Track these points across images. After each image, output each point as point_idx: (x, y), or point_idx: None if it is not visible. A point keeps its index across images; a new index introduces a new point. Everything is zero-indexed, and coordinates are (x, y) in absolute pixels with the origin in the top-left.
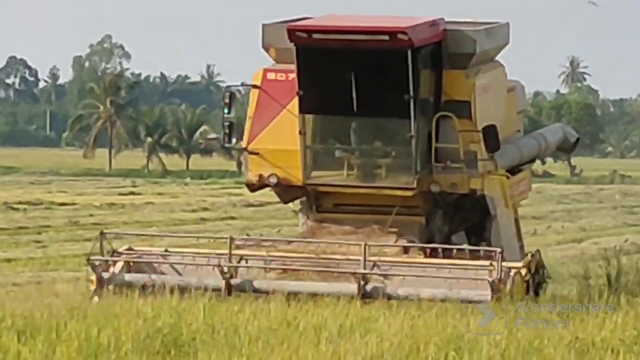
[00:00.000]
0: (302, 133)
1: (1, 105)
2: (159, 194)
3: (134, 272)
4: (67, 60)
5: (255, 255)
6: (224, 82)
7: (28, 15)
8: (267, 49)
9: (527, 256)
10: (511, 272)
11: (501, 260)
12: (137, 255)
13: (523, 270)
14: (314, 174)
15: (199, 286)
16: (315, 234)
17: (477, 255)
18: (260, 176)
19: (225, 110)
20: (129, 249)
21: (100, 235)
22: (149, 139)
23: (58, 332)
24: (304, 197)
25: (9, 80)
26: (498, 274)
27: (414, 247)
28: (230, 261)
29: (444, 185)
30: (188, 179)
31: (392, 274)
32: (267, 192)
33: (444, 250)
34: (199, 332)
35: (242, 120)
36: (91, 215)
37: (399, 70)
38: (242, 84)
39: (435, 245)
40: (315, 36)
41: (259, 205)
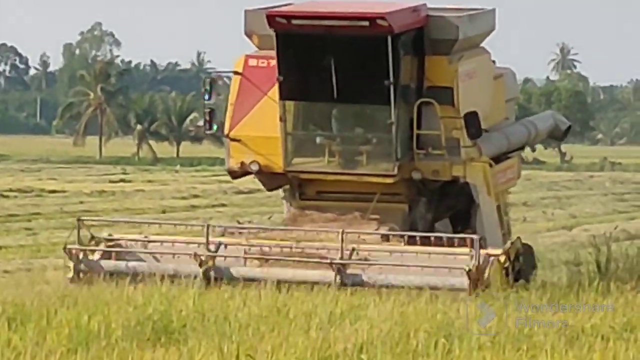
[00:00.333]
0: (282, 120)
1: None
2: (149, 181)
3: (114, 260)
4: (57, 48)
5: (233, 243)
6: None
7: (18, 2)
8: (249, 36)
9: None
10: (490, 259)
11: (479, 247)
12: (114, 243)
13: (502, 258)
14: (295, 160)
15: (176, 274)
16: (297, 221)
17: (460, 243)
18: (242, 163)
19: (206, 97)
20: (109, 236)
21: (78, 222)
22: (139, 127)
23: (48, 319)
24: (288, 185)
25: None
26: (476, 261)
27: (395, 235)
28: (208, 249)
29: (425, 172)
30: (178, 166)
31: (366, 262)
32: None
33: (423, 237)
34: (189, 319)
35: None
36: (81, 202)
37: (378, 57)
38: (221, 70)
39: (412, 234)
40: (294, 22)
41: (250, 192)
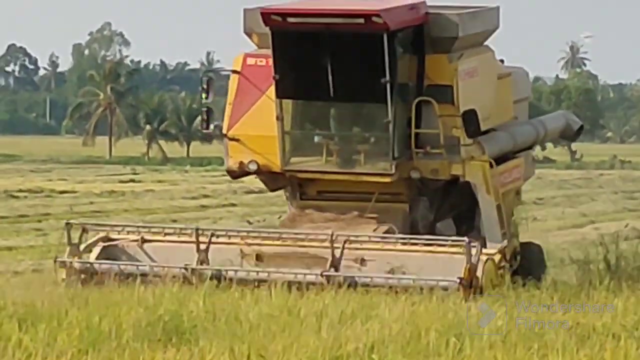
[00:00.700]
0: (279, 118)
1: (1, 93)
2: (159, 181)
3: (109, 261)
4: (66, 48)
5: (227, 243)
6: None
7: (28, 3)
8: (249, 35)
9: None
10: (483, 259)
11: (472, 248)
12: (109, 244)
13: (497, 257)
14: (293, 160)
15: (169, 274)
16: (296, 221)
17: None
18: (241, 163)
19: (204, 96)
20: (105, 237)
21: (66, 226)
22: (148, 127)
23: (59, 320)
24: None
25: (8, 68)
26: (469, 261)
27: (387, 237)
28: (198, 253)
29: (424, 171)
30: (188, 166)
31: (355, 262)
32: None
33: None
34: (200, 319)
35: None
36: (91, 203)
37: (375, 54)
38: (220, 69)
39: (402, 236)
40: (290, 19)
41: (260, 192)
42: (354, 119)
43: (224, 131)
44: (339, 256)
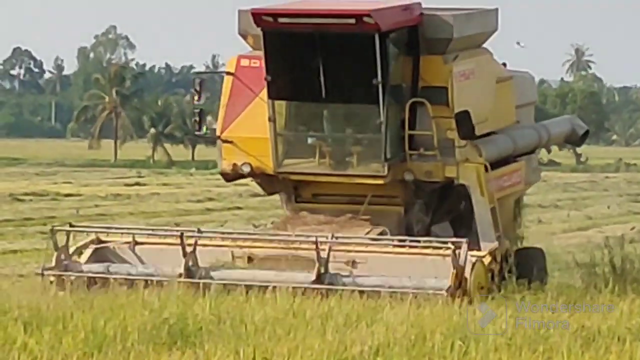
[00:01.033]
0: (271, 120)
1: (6, 96)
2: (165, 184)
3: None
4: (72, 51)
5: (219, 246)
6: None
7: (33, 6)
8: (244, 36)
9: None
10: (472, 261)
11: (462, 248)
12: (100, 247)
13: (486, 259)
14: (286, 162)
15: (158, 277)
16: (289, 224)
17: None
18: (235, 165)
19: (195, 98)
20: (98, 240)
21: (51, 232)
22: (153, 130)
23: (64, 323)
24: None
25: (13, 72)
26: (457, 263)
27: (376, 240)
28: (184, 256)
29: (418, 173)
30: (193, 169)
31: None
32: None
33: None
34: (205, 322)
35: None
36: (97, 206)
37: (366, 55)
38: (212, 70)
39: (391, 237)
40: (281, 20)
41: (265, 195)
42: (347, 121)
43: (218, 133)
44: (328, 259)
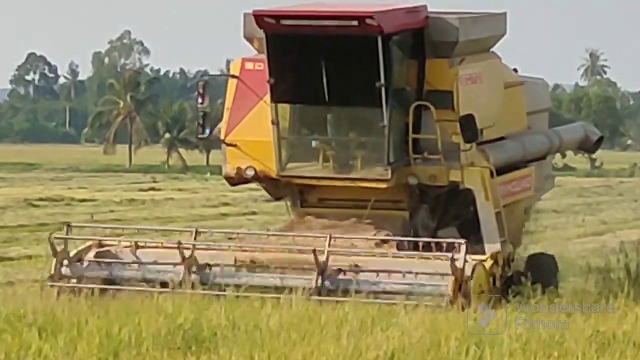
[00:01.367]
0: (274, 123)
1: (21, 101)
2: (179, 189)
3: (102, 267)
4: (86, 57)
5: (222, 249)
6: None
7: (47, 11)
8: (249, 40)
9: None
10: (473, 264)
11: (460, 250)
12: (103, 250)
13: (488, 263)
14: (289, 165)
15: (160, 281)
16: (294, 228)
17: (448, 248)
18: (239, 169)
19: (199, 101)
20: (98, 243)
21: (50, 236)
22: (167, 135)
23: (79, 328)
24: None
25: (28, 77)
26: (457, 266)
27: (390, 241)
28: (193, 253)
29: (422, 177)
30: (209, 174)
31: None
32: None
33: (425, 243)
34: (220, 327)
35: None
36: (111, 211)
37: (369, 58)
38: (217, 74)
39: (394, 238)
40: (283, 22)
41: (280, 199)
42: (350, 124)
43: (222, 137)
44: (328, 264)
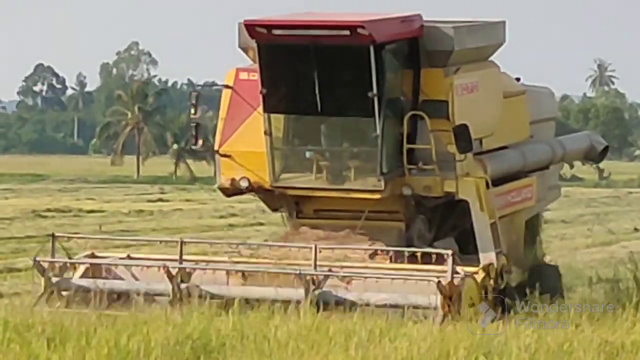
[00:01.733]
0: (267, 134)
1: (29, 112)
2: (187, 200)
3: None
4: (94, 68)
5: (211, 261)
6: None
7: (55, 22)
8: (245, 50)
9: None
10: (462, 276)
11: (447, 262)
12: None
13: (479, 275)
14: (283, 176)
15: (148, 292)
16: (288, 240)
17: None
18: (233, 180)
19: (192, 111)
20: (91, 254)
21: (52, 239)
22: (175, 146)
23: (87, 338)
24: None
25: (36, 88)
26: (448, 278)
27: (382, 253)
28: (181, 264)
29: (417, 188)
30: (216, 185)
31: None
32: None
33: (423, 255)
34: (229, 337)
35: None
36: (120, 222)
37: (361, 67)
38: (212, 84)
39: (382, 248)
40: (275, 32)
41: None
42: (343, 134)
43: (216, 147)
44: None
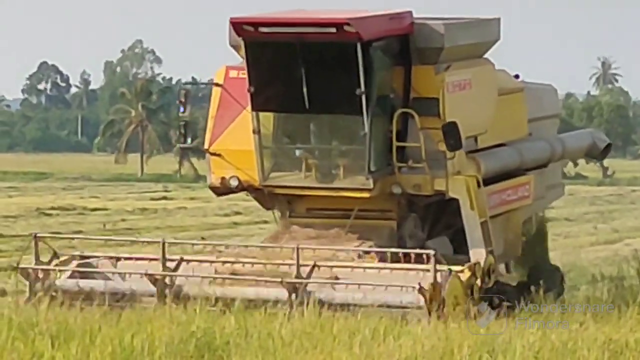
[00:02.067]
0: (256, 132)
1: (33, 110)
2: (192, 198)
3: (81, 279)
4: (98, 66)
5: (197, 260)
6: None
7: (59, 20)
8: (235, 47)
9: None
10: (448, 276)
11: (436, 263)
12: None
13: (465, 274)
14: (272, 175)
15: (133, 292)
16: (278, 239)
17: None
18: (223, 179)
19: (181, 109)
20: (79, 255)
21: (35, 239)
22: (179, 144)
23: (92, 337)
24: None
25: (40, 86)
26: (432, 278)
27: (371, 252)
28: (164, 266)
29: (406, 186)
30: None
31: (310, 280)
32: None
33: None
34: (233, 335)
35: None
36: (123, 220)
37: (348, 65)
38: (199, 82)
39: (367, 249)
40: (262, 29)
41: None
42: (332, 132)
43: (206, 146)
44: (308, 273)
